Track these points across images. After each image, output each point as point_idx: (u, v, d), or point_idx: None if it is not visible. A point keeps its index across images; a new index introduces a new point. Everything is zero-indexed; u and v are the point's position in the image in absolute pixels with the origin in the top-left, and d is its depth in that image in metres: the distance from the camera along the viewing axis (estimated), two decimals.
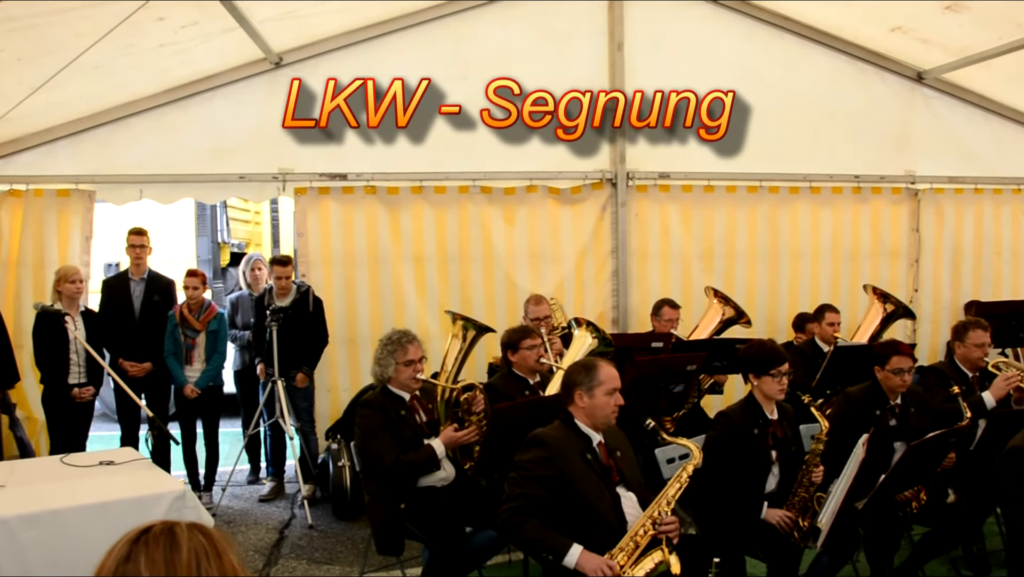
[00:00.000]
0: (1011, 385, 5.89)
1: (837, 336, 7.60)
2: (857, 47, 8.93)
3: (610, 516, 4.23)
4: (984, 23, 7.74)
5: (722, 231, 8.82)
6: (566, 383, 4.44)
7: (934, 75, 9.02)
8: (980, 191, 9.45)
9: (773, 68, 8.71)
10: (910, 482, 5.27)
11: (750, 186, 8.78)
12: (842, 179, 9.00)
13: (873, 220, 9.18)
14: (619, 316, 8.60)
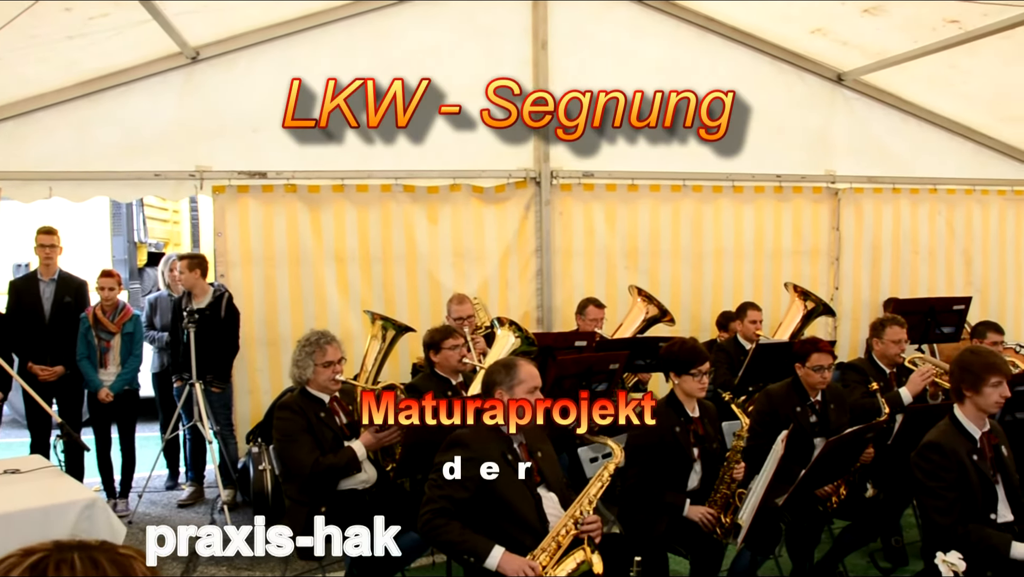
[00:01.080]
0: (927, 380, 6.01)
1: (759, 334, 7.67)
2: (779, 48, 9.01)
3: (532, 516, 4.20)
4: (901, 26, 7.86)
5: (646, 230, 8.84)
6: (486, 383, 4.41)
7: (853, 77, 9.14)
8: (898, 191, 9.61)
9: (698, 68, 8.74)
10: (830, 477, 5.34)
11: (674, 185, 8.81)
12: (764, 178, 9.08)
13: (795, 219, 9.29)
14: (543, 315, 8.58)
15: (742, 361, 7.09)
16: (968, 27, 7.54)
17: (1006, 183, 9.97)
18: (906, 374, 6.22)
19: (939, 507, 4.34)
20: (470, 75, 8.11)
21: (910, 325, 6.66)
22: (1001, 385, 4.43)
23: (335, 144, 8.00)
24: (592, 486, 4.29)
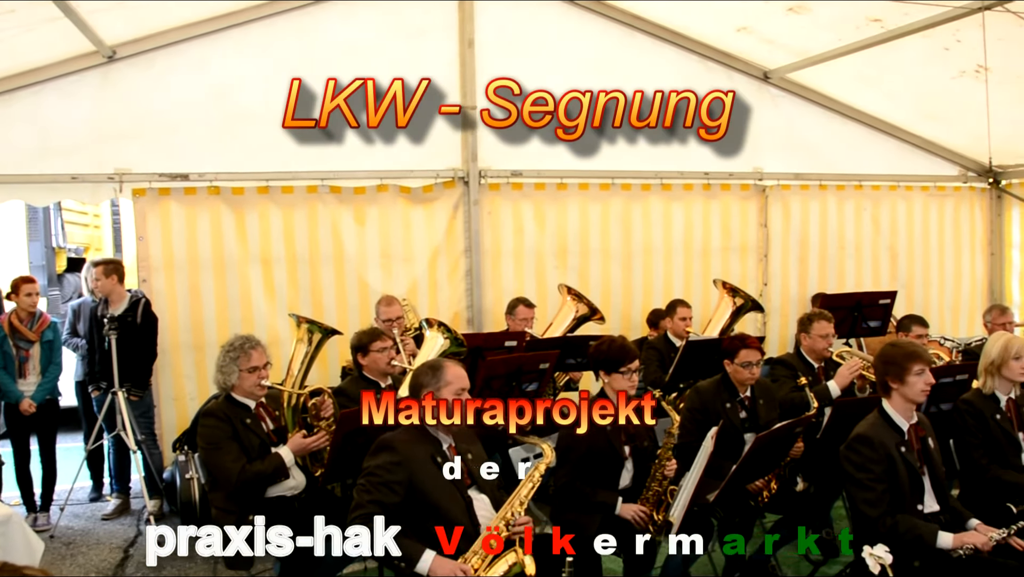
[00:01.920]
0: (854, 374, 6.06)
1: (689, 331, 7.71)
2: (706, 46, 9.05)
3: (463, 519, 4.13)
4: (825, 25, 7.96)
5: (576, 229, 8.84)
6: (413, 385, 4.36)
7: (779, 75, 9.22)
8: (824, 187, 9.72)
9: (626, 67, 8.75)
10: (760, 472, 5.36)
11: (602, 183, 8.82)
12: (693, 176, 9.12)
13: (723, 216, 9.35)
14: (473, 316, 8.53)
15: (673, 358, 7.11)
16: (890, 26, 7.68)
17: (929, 179, 10.16)
18: (834, 368, 6.28)
19: (868, 499, 4.39)
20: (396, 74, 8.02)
21: (837, 320, 6.74)
22: (924, 373, 4.50)
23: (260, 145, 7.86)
24: (523, 487, 4.24)
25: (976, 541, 4.31)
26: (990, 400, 5.24)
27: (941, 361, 6.65)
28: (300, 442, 5.22)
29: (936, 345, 7.71)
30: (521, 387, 5.90)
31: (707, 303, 8.92)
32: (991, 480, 5.11)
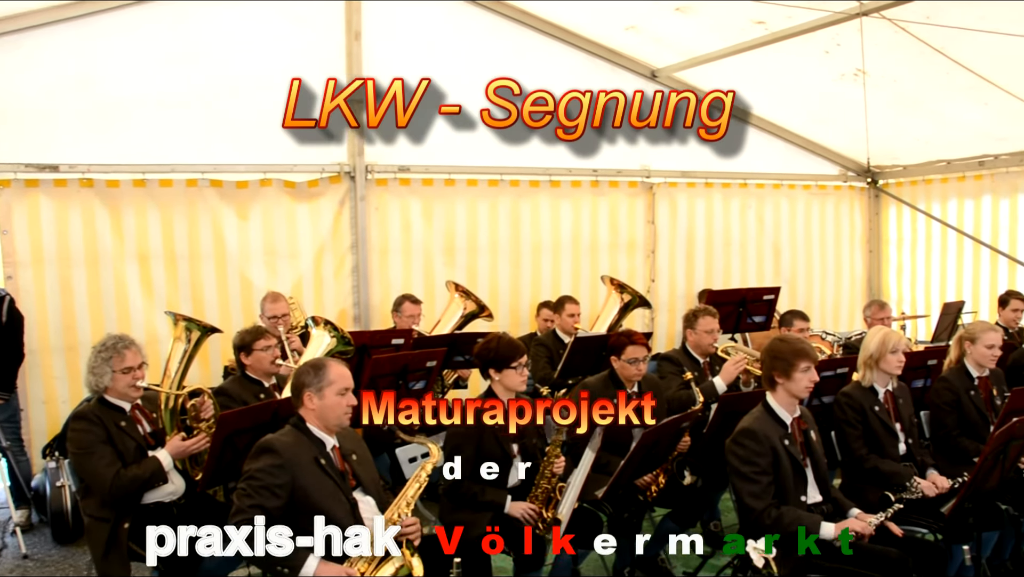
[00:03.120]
0: (739, 368, 6.14)
1: (577, 327, 7.72)
2: (595, 44, 9.11)
3: (348, 523, 4.02)
4: (711, 25, 8.12)
5: (464, 225, 8.81)
6: (295, 385, 4.23)
7: (666, 73, 9.32)
8: (711, 185, 9.93)
9: (515, 63, 8.67)
10: (648, 467, 5.37)
11: (491, 180, 8.81)
12: (581, 173, 9.16)
13: (611, 213, 9.44)
14: (360, 313, 8.40)
15: (561, 355, 7.10)
16: (773, 28, 7.88)
17: (811, 178, 10.47)
18: (720, 363, 6.35)
19: (753, 491, 4.45)
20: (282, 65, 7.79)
21: (723, 315, 6.82)
22: (810, 370, 4.59)
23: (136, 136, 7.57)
24: (409, 488, 4.19)
25: (856, 528, 4.41)
26: (869, 392, 5.37)
27: (823, 355, 6.80)
28: (179, 445, 5.05)
29: (818, 339, 7.87)
30: (408, 386, 5.82)
31: (595, 299, 8.97)
32: (870, 470, 5.25)
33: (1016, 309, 8.26)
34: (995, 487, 4.81)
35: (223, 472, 4.93)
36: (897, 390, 5.46)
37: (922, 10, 7.14)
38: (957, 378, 5.85)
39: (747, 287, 9.05)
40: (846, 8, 7.26)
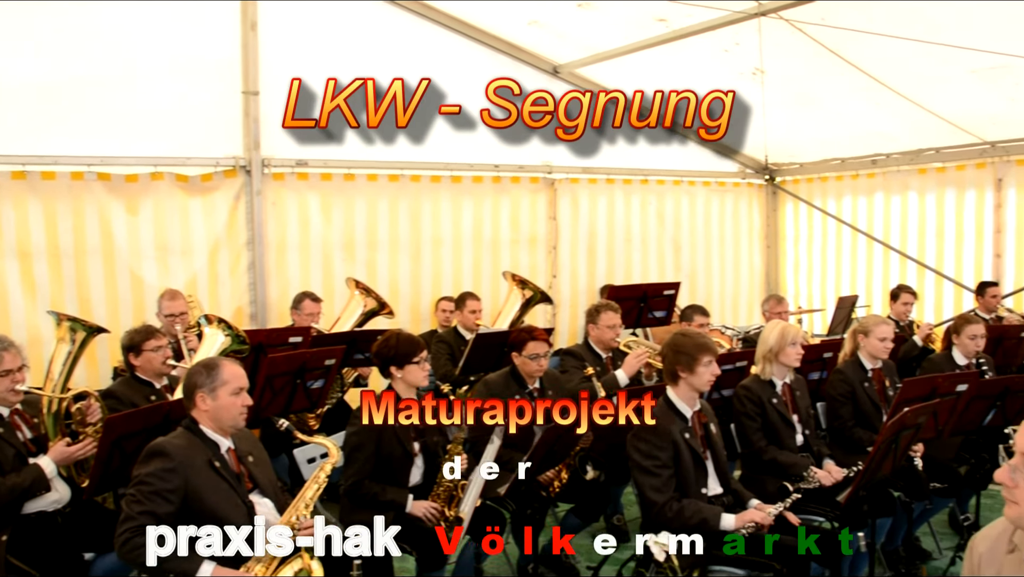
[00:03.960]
0: (641, 362, 6.16)
1: (479, 323, 7.68)
2: (497, 39, 9.07)
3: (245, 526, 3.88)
4: (613, 22, 8.15)
5: (364, 220, 8.69)
6: (186, 386, 4.08)
7: (568, 69, 9.33)
8: (612, 181, 10.00)
9: (416, 57, 8.61)
10: (550, 463, 5.34)
11: (391, 175, 8.71)
12: (483, 169, 9.13)
13: (513, 209, 9.43)
14: (257, 311, 8.21)
15: (462, 351, 7.04)
16: (674, 26, 7.97)
17: (711, 175, 10.63)
18: (622, 358, 6.36)
19: (654, 485, 4.47)
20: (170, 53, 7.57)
21: (624, 310, 6.84)
22: (712, 364, 4.64)
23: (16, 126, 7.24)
24: (308, 489, 4.07)
25: (756, 518, 4.45)
26: (767, 385, 5.44)
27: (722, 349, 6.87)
28: (63, 451, 4.80)
29: (718, 333, 7.96)
30: (306, 385, 5.69)
31: (497, 295, 8.95)
32: (769, 461, 5.32)
33: (906, 303, 8.50)
34: (888, 475, 4.92)
35: (111, 478, 4.73)
36: (794, 382, 5.54)
37: (818, 11, 7.29)
38: (852, 370, 5.96)
39: (648, 282, 9.14)
40: (745, 8, 7.37)
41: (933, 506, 5.81)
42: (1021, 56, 7.13)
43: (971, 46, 7.10)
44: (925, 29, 7.08)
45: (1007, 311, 8.68)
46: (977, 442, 6.07)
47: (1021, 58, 7.15)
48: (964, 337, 6.45)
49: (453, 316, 8.05)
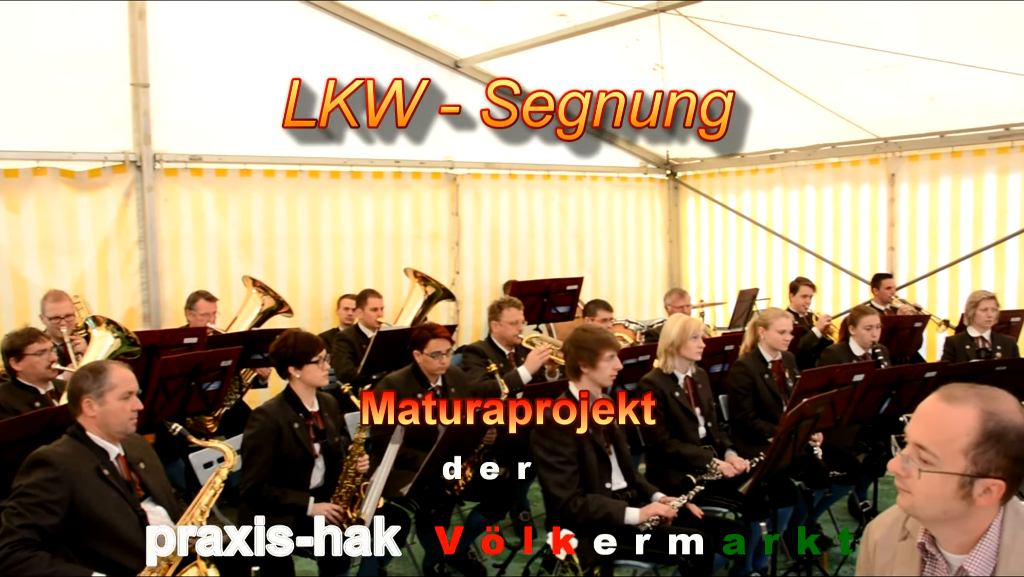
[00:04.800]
0: (544, 358, 6.15)
1: (381, 321, 7.56)
2: (397, 33, 8.95)
3: (136, 536, 3.74)
4: (514, 16, 8.14)
5: (261, 217, 8.49)
6: (72, 392, 3.90)
7: (470, 64, 9.28)
8: (514, 177, 10.00)
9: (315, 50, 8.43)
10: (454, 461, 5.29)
11: (289, 170, 8.54)
12: (383, 164, 9.03)
13: (414, 204, 9.35)
14: (151, 311, 7.94)
15: (364, 349, 6.94)
16: (575, 21, 7.97)
17: (613, 170, 10.70)
18: (525, 354, 6.35)
19: (559, 481, 4.45)
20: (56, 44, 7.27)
21: (527, 306, 6.83)
22: (614, 359, 4.63)
23: None
24: (203, 495, 3.95)
25: (660, 511, 4.46)
26: (669, 379, 5.49)
27: (625, 343, 6.90)
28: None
29: (621, 328, 8.00)
30: (201, 387, 5.53)
31: (399, 292, 8.85)
32: (672, 454, 5.36)
33: (805, 295, 8.67)
34: (788, 465, 4.98)
35: None
36: (696, 375, 5.60)
37: (716, 9, 7.38)
38: (752, 363, 6.04)
39: (551, 278, 9.14)
40: (644, 5, 7.43)
41: (833, 494, 5.93)
42: (911, 55, 7.33)
43: (865, 45, 7.27)
44: (822, 28, 7.22)
45: (901, 302, 8.92)
46: (874, 430, 6.21)
47: (911, 57, 7.35)
48: (860, 328, 6.59)
49: (355, 314, 7.92)
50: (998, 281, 8.72)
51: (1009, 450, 2.08)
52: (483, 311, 9.34)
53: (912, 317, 8.10)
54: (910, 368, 6.07)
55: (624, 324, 8.33)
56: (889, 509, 2.45)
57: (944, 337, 7.95)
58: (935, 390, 2.22)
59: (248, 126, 8.14)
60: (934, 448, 2.12)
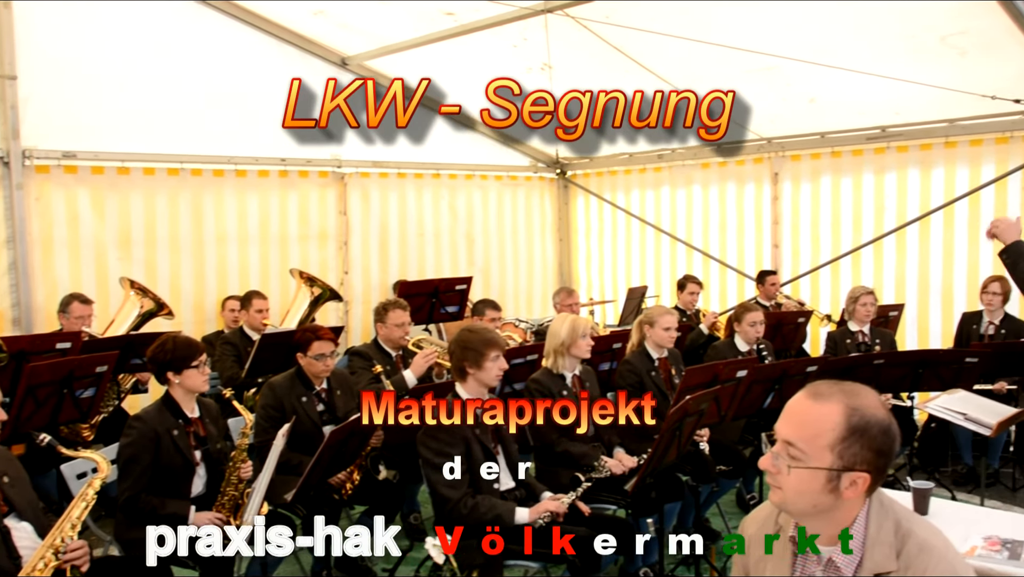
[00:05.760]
0: (430, 361, 6.09)
1: (266, 323, 7.41)
2: (283, 29, 8.80)
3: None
4: (401, 14, 8.08)
5: (140, 217, 8.21)
6: None
7: (357, 61, 9.18)
8: (403, 175, 9.92)
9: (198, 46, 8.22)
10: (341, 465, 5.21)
11: (170, 168, 8.28)
12: (268, 162, 8.85)
13: (301, 204, 9.21)
14: (21, 315, 7.58)
15: (249, 352, 6.77)
16: (463, 20, 7.97)
17: (503, 169, 10.72)
18: (412, 356, 6.27)
19: (448, 482, 4.41)
20: None
21: (415, 306, 6.78)
22: (499, 358, 4.63)
23: None
24: (74, 508, 3.79)
25: (550, 507, 4.48)
26: (558, 378, 5.50)
27: (514, 343, 6.90)
28: None
29: (511, 327, 8.02)
30: (74, 394, 5.32)
31: (286, 294, 8.69)
32: (561, 453, 5.38)
33: (693, 292, 8.82)
34: (675, 461, 5.03)
35: None
36: (583, 373, 5.64)
37: (602, 10, 7.45)
38: (639, 360, 6.10)
39: (440, 277, 9.10)
40: (531, 5, 7.45)
41: (720, 488, 6.03)
42: (790, 58, 7.51)
43: (746, 48, 7.42)
44: (704, 30, 7.35)
45: (785, 298, 9.14)
46: (759, 424, 6.32)
47: (790, 60, 7.53)
48: (745, 324, 6.72)
49: (239, 316, 7.73)
50: (877, 277, 9.02)
51: (872, 444, 2.16)
52: (373, 312, 9.28)
53: (796, 313, 8.30)
54: (792, 363, 6.20)
55: (514, 323, 8.34)
56: (763, 504, 2.51)
57: (826, 332, 8.17)
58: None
59: (126, 123, 7.88)
60: (802, 444, 2.19)
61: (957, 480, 7.02)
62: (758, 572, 2.42)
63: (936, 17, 6.83)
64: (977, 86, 7.52)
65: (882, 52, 7.34)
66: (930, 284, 8.74)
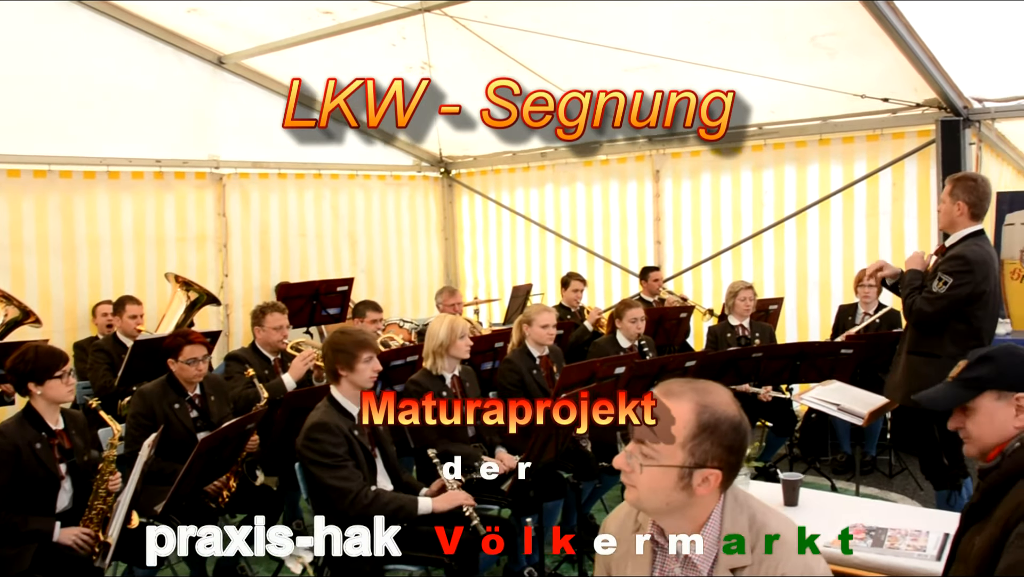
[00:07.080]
0: (308, 364, 6.02)
1: (140, 329, 7.20)
2: (156, 27, 8.56)
3: None
4: (277, 12, 7.98)
5: (5, 221, 7.94)
6: None
7: (234, 60, 9.03)
8: (284, 176, 9.79)
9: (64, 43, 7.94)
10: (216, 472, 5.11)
11: (37, 170, 8.01)
12: (143, 163, 8.63)
13: (178, 205, 9.01)
14: None
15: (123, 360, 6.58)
16: (341, 19, 7.91)
17: (386, 168, 10.69)
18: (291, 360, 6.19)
19: (343, 475, 4.39)
20: None
21: (296, 309, 6.69)
22: (372, 360, 4.61)
23: None
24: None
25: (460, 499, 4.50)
26: (437, 379, 5.50)
27: (395, 343, 6.86)
28: None
29: (395, 328, 7.97)
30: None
31: (163, 298, 8.46)
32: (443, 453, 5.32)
33: (576, 289, 8.89)
34: (553, 459, 5.06)
35: None
36: (463, 373, 5.64)
37: (481, 10, 7.49)
38: (520, 359, 6.13)
39: (322, 279, 9.00)
40: (408, 5, 7.44)
41: (603, 484, 6.07)
42: (666, 57, 7.64)
43: (622, 47, 7.53)
44: (581, 30, 7.44)
45: (668, 293, 9.31)
46: None
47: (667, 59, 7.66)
48: (626, 321, 6.80)
49: (113, 322, 7.47)
50: (757, 271, 9.26)
51: (723, 440, 2.19)
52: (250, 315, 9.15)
53: (678, 308, 8.44)
54: (671, 358, 6.30)
55: (399, 323, 8.30)
56: (622, 504, 2.53)
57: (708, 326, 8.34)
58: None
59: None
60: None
61: (837, 469, 7.22)
62: (619, 571, 2.44)
63: (806, 18, 7.04)
64: (847, 85, 7.79)
65: (757, 52, 7.53)
66: (808, 278, 9.00)
